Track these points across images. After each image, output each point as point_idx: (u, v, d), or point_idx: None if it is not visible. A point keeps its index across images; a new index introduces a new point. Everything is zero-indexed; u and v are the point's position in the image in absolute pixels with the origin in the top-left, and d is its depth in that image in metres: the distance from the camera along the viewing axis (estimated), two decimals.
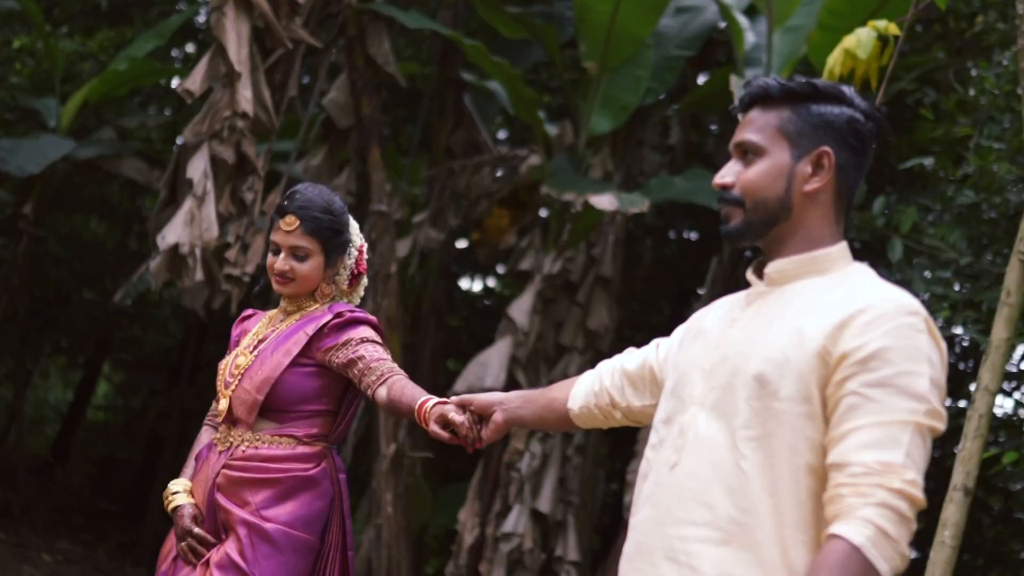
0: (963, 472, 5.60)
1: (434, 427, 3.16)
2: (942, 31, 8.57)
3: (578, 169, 8.82)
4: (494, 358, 8.54)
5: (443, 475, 11.38)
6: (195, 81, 7.42)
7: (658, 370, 2.87)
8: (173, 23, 10.04)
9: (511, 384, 8.50)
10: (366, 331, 3.54)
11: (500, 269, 12.64)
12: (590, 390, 3.02)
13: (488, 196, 9.18)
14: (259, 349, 3.60)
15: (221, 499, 3.47)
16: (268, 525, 3.37)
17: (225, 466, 3.50)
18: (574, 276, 8.85)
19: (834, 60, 5.44)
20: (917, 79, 8.47)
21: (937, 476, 8.32)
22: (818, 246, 2.55)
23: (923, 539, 7.42)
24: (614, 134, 8.97)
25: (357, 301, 3.75)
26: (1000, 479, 7.99)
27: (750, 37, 8.54)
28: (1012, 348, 5.94)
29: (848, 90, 2.60)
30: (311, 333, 3.54)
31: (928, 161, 8.03)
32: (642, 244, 11.36)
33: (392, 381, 3.38)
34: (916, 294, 6.91)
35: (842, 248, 2.56)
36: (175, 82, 11.67)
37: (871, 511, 2.26)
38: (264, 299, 9.72)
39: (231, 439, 3.55)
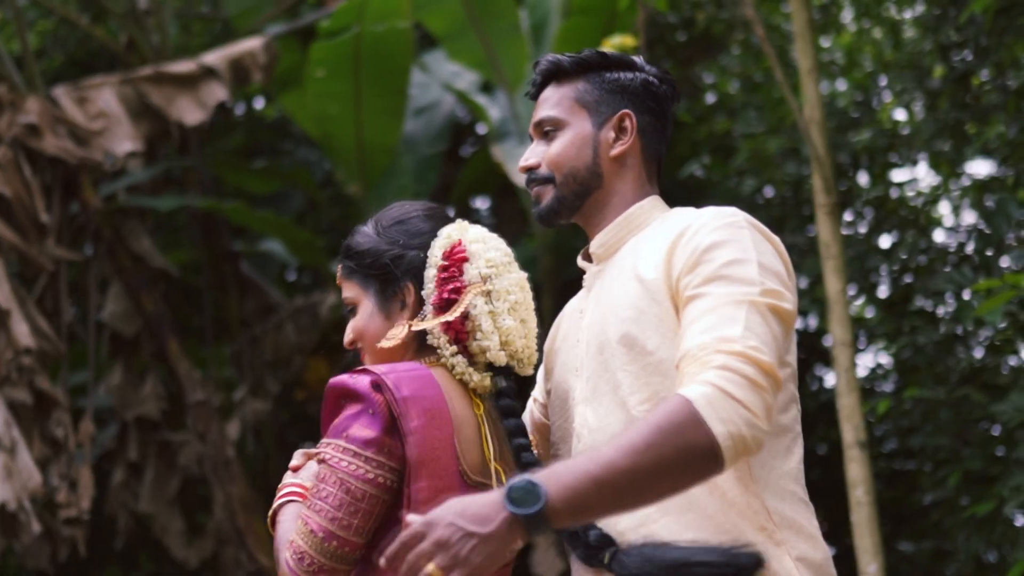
0: (851, 428, 5.63)
1: None
2: (666, 48, 8.78)
3: None
4: None
5: None
6: None
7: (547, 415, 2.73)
8: None
9: None
10: None
11: None
12: None
13: (299, 352, 8.96)
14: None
15: None
16: None
17: None
18: None
19: None
20: None
21: (824, 464, 8.37)
22: (631, 207, 2.52)
23: (836, 523, 7.42)
24: None
25: None
26: (877, 438, 8.09)
27: (495, 112, 8.60)
28: (848, 296, 6.02)
29: (637, 58, 2.61)
30: None
31: (699, 170, 8.19)
32: None
33: None
34: None
35: (653, 200, 2.53)
36: None
37: (711, 373, 2.12)
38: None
39: None
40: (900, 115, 8.04)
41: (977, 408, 6.58)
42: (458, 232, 2.54)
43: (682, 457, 2.05)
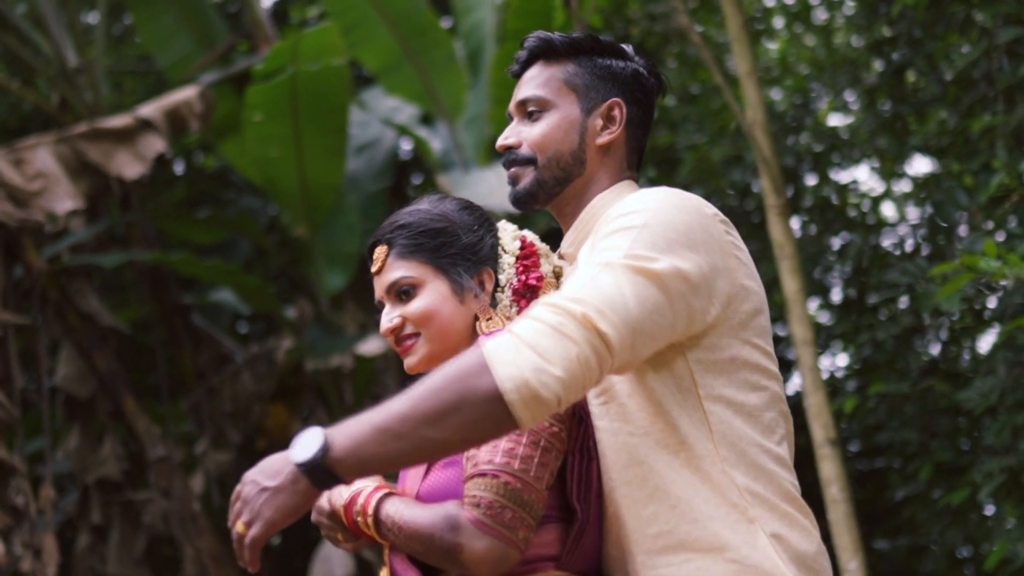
0: (820, 427, 5.61)
1: None
2: None
3: (332, 333, 8.61)
4: (333, 550, 8.15)
5: None
6: None
7: None
8: None
9: (361, 567, 8.12)
10: None
11: None
12: None
13: (258, 400, 8.84)
14: None
15: None
16: None
17: None
18: None
19: None
20: None
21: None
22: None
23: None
24: (352, 286, 8.79)
25: None
26: (844, 439, 8.08)
27: (437, 144, 8.56)
28: (807, 296, 6.00)
29: (627, 46, 2.55)
30: None
31: (645, 184, 8.19)
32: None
33: None
34: None
35: (617, 188, 2.45)
36: None
37: (517, 323, 2.06)
38: None
39: None
40: (838, 119, 8.09)
41: (942, 398, 6.58)
42: (518, 229, 2.52)
43: (462, 402, 1.99)
